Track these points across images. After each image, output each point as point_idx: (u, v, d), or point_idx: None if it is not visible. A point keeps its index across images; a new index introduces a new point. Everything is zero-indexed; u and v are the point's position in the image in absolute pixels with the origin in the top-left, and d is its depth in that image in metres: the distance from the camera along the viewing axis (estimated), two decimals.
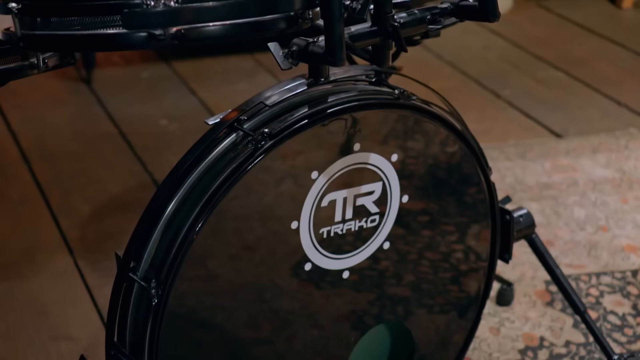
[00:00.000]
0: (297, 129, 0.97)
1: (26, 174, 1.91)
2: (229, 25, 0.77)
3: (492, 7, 0.90)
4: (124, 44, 0.76)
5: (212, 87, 2.31)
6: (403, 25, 0.92)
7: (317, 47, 0.87)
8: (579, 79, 2.31)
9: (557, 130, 2.07)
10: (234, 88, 2.30)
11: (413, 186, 1.07)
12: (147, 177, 1.91)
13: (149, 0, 0.74)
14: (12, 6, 0.78)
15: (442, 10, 0.94)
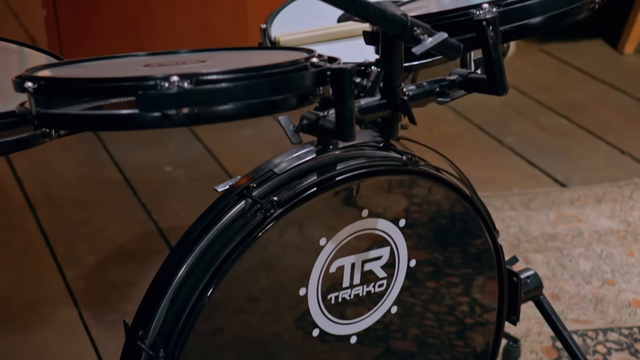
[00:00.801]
0: (306, 197, 0.98)
1: (32, 222, 1.92)
2: (241, 105, 0.78)
3: (501, 81, 0.91)
4: (137, 124, 0.77)
5: (216, 133, 2.32)
6: (412, 98, 0.93)
7: (327, 121, 0.87)
8: (582, 125, 2.33)
9: (560, 179, 2.08)
10: (239, 134, 2.31)
11: (421, 250, 1.08)
12: (152, 226, 1.91)
13: (163, 81, 0.76)
14: (28, 85, 0.79)
15: (451, 82, 0.95)
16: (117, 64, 0.93)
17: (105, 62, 0.93)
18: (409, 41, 0.86)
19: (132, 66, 0.88)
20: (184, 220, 1.94)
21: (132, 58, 0.96)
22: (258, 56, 0.95)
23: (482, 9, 0.91)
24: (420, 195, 1.07)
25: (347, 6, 0.83)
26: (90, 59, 0.95)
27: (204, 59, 0.90)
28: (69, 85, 0.78)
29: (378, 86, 0.85)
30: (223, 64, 0.89)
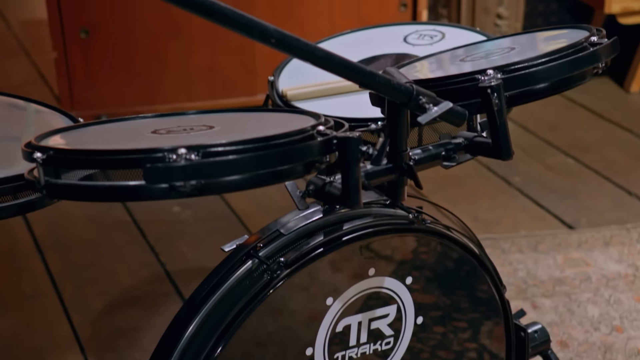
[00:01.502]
0: (312, 258, 0.98)
1: (40, 265, 1.92)
2: (248, 176, 0.78)
3: (506, 146, 0.92)
4: (144, 196, 0.78)
5: None
6: (418, 162, 0.94)
7: (334, 188, 0.88)
8: (589, 166, 2.33)
9: (568, 220, 2.07)
10: None
11: (428, 307, 1.08)
12: (159, 268, 1.91)
13: (171, 154, 0.76)
14: (37, 156, 0.80)
15: (456, 145, 0.96)
16: (125, 129, 0.94)
17: (113, 127, 0.94)
18: (414, 109, 0.86)
19: (140, 132, 0.89)
20: (191, 263, 1.95)
21: (140, 121, 0.97)
22: (265, 121, 0.95)
23: (487, 74, 0.91)
24: (427, 253, 1.07)
25: (353, 76, 0.84)
26: (98, 122, 0.97)
27: (212, 124, 0.91)
28: (77, 157, 0.79)
29: (384, 154, 0.85)
30: (231, 131, 0.90)
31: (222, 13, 0.77)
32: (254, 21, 0.78)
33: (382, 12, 2.37)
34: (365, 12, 2.36)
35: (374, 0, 2.35)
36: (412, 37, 1.40)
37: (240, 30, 0.78)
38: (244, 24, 0.78)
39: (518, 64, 0.92)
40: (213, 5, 0.76)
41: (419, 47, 1.36)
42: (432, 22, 1.44)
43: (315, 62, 0.82)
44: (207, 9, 0.76)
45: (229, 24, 0.77)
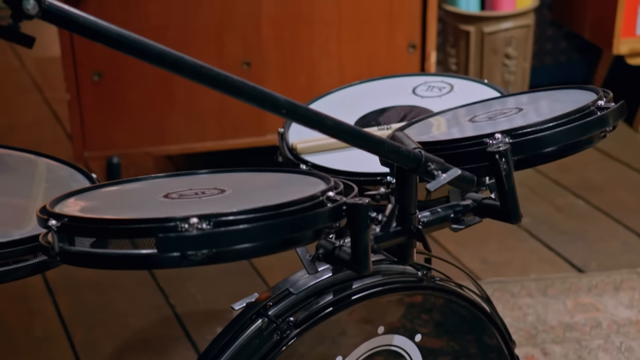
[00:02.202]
0: (322, 317, 0.99)
1: (50, 307, 1.93)
2: (259, 244, 0.79)
3: (515, 210, 0.93)
4: (156, 264, 0.79)
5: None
6: (426, 225, 0.94)
7: (343, 252, 0.89)
8: (599, 207, 2.33)
9: (577, 264, 2.07)
10: None
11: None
12: (169, 311, 1.92)
13: (183, 223, 0.77)
14: (52, 223, 0.81)
15: (465, 207, 0.96)
16: (138, 192, 0.95)
17: (125, 189, 0.96)
18: (423, 175, 0.88)
19: (152, 196, 0.90)
20: (201, 305, 1.95)
21: (152, 182, 0.99)
22: (276, 183, 0.96)
23: (495, 138, 0.92)
24: (436, 310, 1.07)
25: (362, 144, 0.86)
26: (111, 183, 0.98)
27: (223, 187, 0.92)
28: (91, 225, 0.80)
29: (393, 220, 0.86)
30: (242, 195, 0.91)
31: (234, 85, 0.78)
32: (265, 93, 0.80)
33: (391, 53, 2.39)
34: (373, 53, 2.38)
35: (382, 41, 2.37)
36: (420, 88, 1.41)
37: (251, 101, 0.79)
38: (256, 96, 0.79)
39: (526, 128, 0.93)
40: (227, 79, 0.77)
41: (428, 100, 1.37)
42: (441, 74, 1.45)
43: (325, 130, 0.84)
44: (221, 82, 0.78)
45: (241, 95, 0.79)
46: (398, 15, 2.35)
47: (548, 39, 2.94)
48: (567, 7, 2.79)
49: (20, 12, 0.68)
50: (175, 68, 0.76)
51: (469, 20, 2.58)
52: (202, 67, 0.77)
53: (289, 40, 2.32)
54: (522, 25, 2.60)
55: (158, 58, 0.76)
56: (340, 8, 2.31)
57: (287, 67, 2.35)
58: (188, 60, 0.76)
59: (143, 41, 0.74)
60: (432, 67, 2.41)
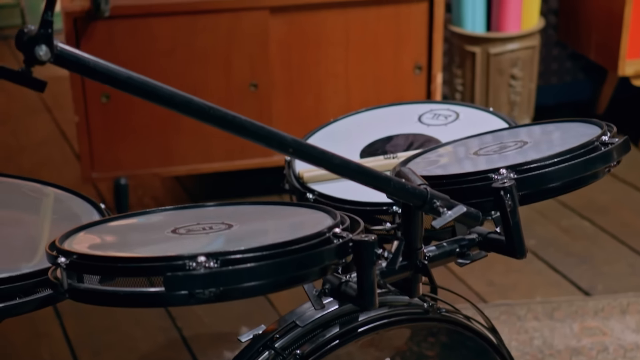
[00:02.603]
0: (328, 350, 0.99)
1: (58, 330, 1.94)
2: (266, 282, 0.80)
3: (520, 245, 0.93)
4: (164, 302, 0.80)
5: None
6: (432, 259, 0.95)
7: (349, 288, 0.90)
8: (604, 229, 2.33)
9: (584, 286, 2.07)
10: None
11: None
12: (176, 334, 1.92)
13: (190, 261, 0.78)
14: (61, 261, 0.82)
15: (470, 241, 0.97)
16: (146, 227, 0.96)
17: (134, 224, 0.97)
18: (428, 212, 0.88)
19: (161, 231, 0.91)
20: (207, 328, 1.96)
21: (161, 215, 1.00)
22: (282, 218, 0.97)
23: (499, 174, 0.93)
24: (442, 342, 1.08)
25: (368, 181, 0.86)
26: (120, 216, 0.99)
27: (230, 222, 0.93)
28: (100, 264, 0.81)
29: (399, 257, 0.87)
30: (249, 231, 0.92)
31: (242, 125, 0.79)
32: (272, 132, 0.81)
33: (398, 74, 2.40)
34: (380, 74, 2.39)
35: (389, 63, 2.39)
36: (426, 116, 1.42)
37: (259, 140, 0.81)
38: (263, 135, 0.80)
39: (531, 163, 0.94)
40: (234, 119, 0.79)
41: (434, 128, 1.38)
42: (447, 102, 1.46)
43: (332, 169, 0.85)
44: (228, 122, 0.79)
45: (248, 135, 0.80)
46: (404, 37, 2.36)
47: (554, 59, 2.95)
48: (573, 29, 2.80)
49: (33, 58, 0.69)
50: (184, 109, 0.78)
51: (475, 42, 2.59)
52: (210, 108, 0.78)
53: (296, 61, 2.34)
54: (528, 46, 2.61)
55: (167, 100, 0.77)
56: (347, 30, 2.33)
57: (294, 89, 2.37)
58: (196, 102, 0.78)
59: (152, 83, 0.76)
60: (438, 88, 2.42)
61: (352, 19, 2.32)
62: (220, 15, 2.24)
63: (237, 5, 2.23)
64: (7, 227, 1.07)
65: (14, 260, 1.00)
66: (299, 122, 2.39)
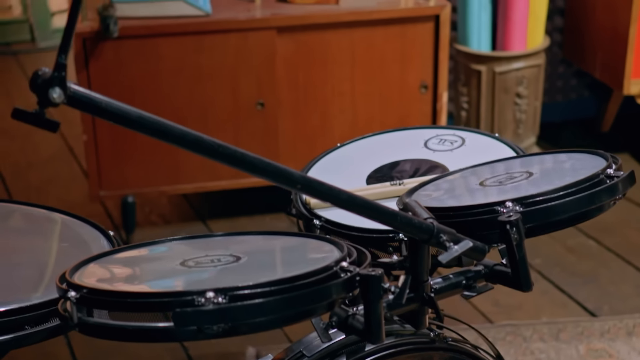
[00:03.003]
0: None
1: (65, 350, 1.95)
2: (274, 317, 0.81)
3: (525, 278, 0.94)
4: (173, 338, 0.80)
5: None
6: (438, 292, 0.96)
7: (356, 321, 0.90)
8: (610, 248, 2.33)
9: (590, 307, 2.07)
10: None
11: None
12: (182, 354, 1.93)
13: (199, 297, 0.79)
14: (71, 295, 0.83)
15: (476, 273, 0.98)
16: (155, 259, 0.97)
17: (142, 255, 0.97)
18: (435, 246, 0.89)
19: (170, 264, 0.92)
20: (214, 347, 1.96)
21: (169, 245, 1.01)
22: (291, 250, 0.98)
23: (506, 206, 0.94)
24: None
25: (375, 216, 0.87)
26: (129, 247, 1.00)
27: (238, 254, 0.94)
28: (110, 299, 0.82)
29: (406, 292, 0.88)
30: (257, 264, 0.93)
31: (251, 163, 0.80)
32: (280, 169, 0.82)
33: (403, 93, 2.42)
34: (386, 93, 2.40)
35: (395, 82, 2.40)
36: (432, 141, 1.43)
37: (267, 177, 0.82)
38: (271, 172, 0.81)
39: (537, 196, 0.94)
40: (243, 157, 0.80)
41: (439, 153, 1.39)
42: (453, 127, 1.47)
43: (339, 204, 0.86)
44: (237, 159, 0.80)
45: (256, 172, 0.81)
46: (410, 56, 2.37)
47: (559, 77, 2.96)
48: (578, 47, 2.81)
49: (47, 100, 0.70)
50: (195, 147, 0.79)
51: (481, 60, 2.60)
52: (219, 146, 0.79)
53: (302, 80, 2.35)
54: (533, 65, 2.62)
55: (178, 139, 0.78)
56: (353, 49, 2.35)
57: (301, 107, 2.38)
58: (206, 140, 0.79)
59: (164, 123, 0.77)
60: (444, 107, 2.43)
61: (358, 39, 2.33)
62: (228, 35, 2.26)
63: (244, 25, 2.25)
64: (16, 255, 1.09)
65: (23, 290, 1.01)
66: (305, 140, 2.40)
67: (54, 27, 3.76)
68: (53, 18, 3.76)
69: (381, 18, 2.32)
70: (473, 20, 2.59)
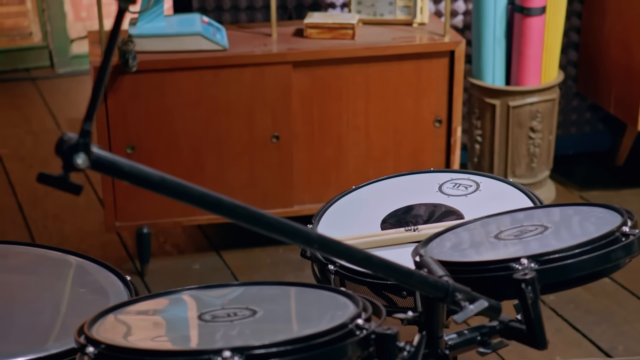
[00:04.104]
0: None
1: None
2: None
3: (541, 336, 0.94)
4: None
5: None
6: (453, 348, 0.96)
7: None
8: (624, 286, 2.32)
9: (604, 347, 2.06)
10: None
11: None
12: None
13: (216, 356, 0.80)
14: (89, 351, 0.84)
15: (491, 329, 0.98)
16: (171, 311, 0.98)
17: (160, 307, 0.99)
18: (450, 305, 0.90)
19: (186, 317, 0.93)
20: None
21: (185, 295, 1.02)
22: (307, 304, 0.99)
23: (521, 264, 0.94)
24: None
25: (390, 274, 0.88)
26: (146, 297, 1.01)
27: (254, 307, 0.95)
28: (127, 356, 0.83)
29: (421, 351, 0.88)
30: (273, 317, 0.93)
31: (269, 223, 0.82)
32: (298, 229, 0.83)
33: (417, 127, 2.43)
34: (400, 127, 2.42)
35: (409, 116, 2.41)
36: (447, 186, 1.44)
37: (285, 237, 0.83)
38: (289, 232, 0.82)
39: (552, 254, 0.95)
40: (262, 217, 0.81)
41: (454, 198, 1.40)
42: (467, 172, 1.48)
43: (356, 262, 0.86)
44: (256, 220, 0.81)
45: (274, 231, 0.82)
46: (425, 90, 2.39)
47: (573, 110, 2.96)
48: (592, 82, 2.82)
49: (71, 165, 0.72)
50: (214, 208, 0.80)
51: (495, 94, 2.62)
52: (238, 207, 0.80)
53: (317, 114, 2.37)
54: (548, 99, 2.63)
55: (199, 200, 0.79)
56: (368, 84, 2.36)
57: (315, 140, 2.40)
58: (226, 201, 0.80)
59: (184, 185, 0.78)
60: (458, 141, 2.44)
61: (372, 73, 2.35)
62: (244, 70, 2.28)
63: (261, 60, 2.28)
64: (34, 303, 1.10)
65: (41, 339, 1.02)
66: (320, 172, 2.42)
67: (73, 54, 3.81)
68: (72, 44, 3.81)
69: (396, 53, 2.34)
70: (488, 55, 2.60)
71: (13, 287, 1.11)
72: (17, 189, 2.91)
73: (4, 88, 3.71)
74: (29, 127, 3.36)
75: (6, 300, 1.06)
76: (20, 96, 3.64)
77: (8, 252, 1.20)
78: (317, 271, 1.30)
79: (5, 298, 1.05)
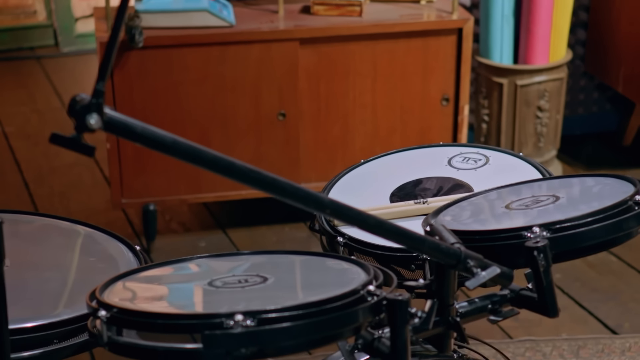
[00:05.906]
0: None
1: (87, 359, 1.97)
2: (302, 340, 0.82)
3: (552, 304, 0.94)
4: (202, 359, 0.81)
5: None
6: (464, 316, 0.96)
7: (382, 344, 0.91)
8: (631, 264, 2.31)
9: (610, 324, 2.06)
10: None
11: None
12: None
13: (228, 319, 0.80)
14: (101, 314, 0.84)
15: (502, 297, 0.98)
16: (183, 279, 0.98)
17: (171, 273, 0.98)
18: (462, 271, 0.89)
19: (197, 283, 0.93)
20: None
21: (195, 263, 1.01)
22: (317, 271, 0.99)
23: (533, 232, 0.94)
24: None
25: (403, 241, 0.88)
26: (156, 265, 1.01)
27: (265, 275, 0.95)
28: (140, 319, 0.83)
29: (432, 317, 0.88)
30: (284, 284, 0.93)
31: (281, 187, 0.81)
32: (310, 194, 0.82)
33: (425, 105, 2.42)
34: (407, 105, 2.41)
35: (416, 94, 2.40)
36: (456, 159, 1.43)
37: (297, 201, 0.82)
38: (301, 197, 0.82)
39: (565, 222, 0.94)
40: (274, 181, 0.80)
41: (463, 172, 1.39)
42: (476, 145, 1.47)
43: (368, 228, 0.86)
44: (268, 184, 0.81)
45: (287, 196, 0.82)
46: (432, 69, 2.38)
47: (580, 90, 2.95)
48: (600, 61, 2.80)
49: (84, 126, 0.71)
50: (227, 172, 0.80)
51: (502, 73, 2.60)
52: (251, 171, 0.80)
53: (324, 92, 2.36)
54: (555, 78, 2.61)
55: (211, 163, 0.79)
56: (375, 61, 2.35)
57: (322, 118, 2.39)
58: (238, 165, 0.80)
59: (197, 148, 0.78)
60: (465, 120, 2.43)
61: (380, 51, 2.34)
62: (251, 46, 2.27)
63: (267, 36, 2.26)
64: (44, 270, 1.10)
65: (51, 305, 1.02)
66: (326, 150, 2.41)
67: (78, 32, 3.79)
68: (77, 23, 3.79)
69: (404, 31, 2.32)
70: (496, 33, 2.58)
71: (23, 254, 1.11)
72: (22, 166, 2.91)
73: (9, 67, 3.70)
74: (34, 105, 3.36)
75: (17, 266, 1.06)
76: (26, 75, 3.63)
77: (18, 220, 1.20)
78: (325, 243, 1.29)
79: (15, 265, 1.05)
